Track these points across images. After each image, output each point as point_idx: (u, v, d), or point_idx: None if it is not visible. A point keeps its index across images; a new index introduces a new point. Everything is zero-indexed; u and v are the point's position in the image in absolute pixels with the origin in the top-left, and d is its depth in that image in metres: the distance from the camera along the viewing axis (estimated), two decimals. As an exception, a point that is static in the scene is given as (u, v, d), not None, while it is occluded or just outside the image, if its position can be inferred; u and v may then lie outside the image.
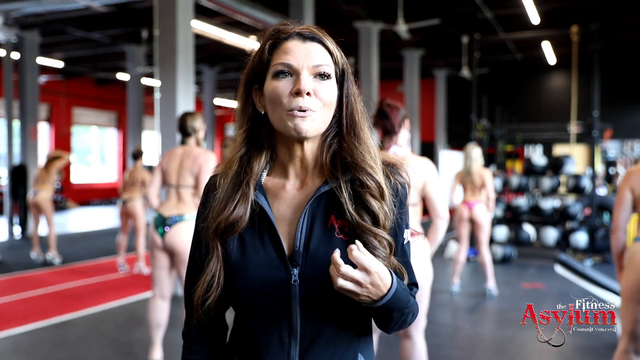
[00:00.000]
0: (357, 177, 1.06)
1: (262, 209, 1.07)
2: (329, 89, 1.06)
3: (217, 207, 1.08)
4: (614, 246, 2.96)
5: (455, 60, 14.15)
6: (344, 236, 1.05)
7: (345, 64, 1.10)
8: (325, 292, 1.02)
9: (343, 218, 1.06)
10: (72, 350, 4.31)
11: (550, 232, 8.06)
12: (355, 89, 1.12)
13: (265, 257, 1.05)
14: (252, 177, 1.09)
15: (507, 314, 5.34)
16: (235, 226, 1.06)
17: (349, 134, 1.09)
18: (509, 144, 12.26)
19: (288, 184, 1.11)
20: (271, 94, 1.05)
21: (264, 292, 1.04)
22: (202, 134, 3.83)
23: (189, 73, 6.36)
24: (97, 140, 20.14)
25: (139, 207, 6.90)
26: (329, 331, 1.06)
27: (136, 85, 13.60)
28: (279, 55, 1.06)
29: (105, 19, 10.66)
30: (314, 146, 1.10)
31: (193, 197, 3.69)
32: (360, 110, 1.11)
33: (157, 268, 3.71)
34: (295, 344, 1.05)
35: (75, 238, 10.62)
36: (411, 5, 9.62)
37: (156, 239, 3.64)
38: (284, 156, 1.11)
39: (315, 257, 1.04)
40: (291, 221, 1.08)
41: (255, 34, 11.06)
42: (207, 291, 1.06)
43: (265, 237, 1.06)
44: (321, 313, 1.04)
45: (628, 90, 14.90)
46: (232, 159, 1.11)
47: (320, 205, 1.07)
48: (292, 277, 1.03)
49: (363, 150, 1.07)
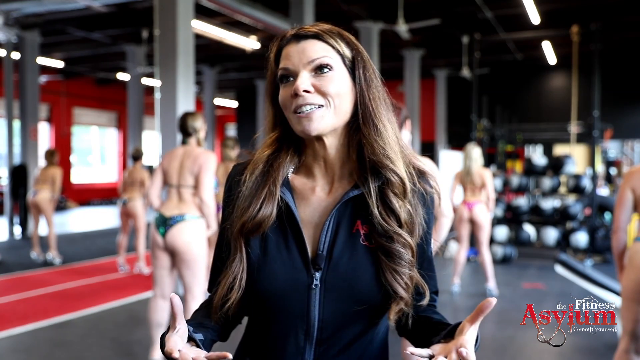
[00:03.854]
0: (381, 174, 1.03)
1: (289, 209, 1.05)
2: (333, 80, 1.02)
3: (242, 205, 1.06)
4: (614, 246, 2.95)
5: (455, 60, 14.14)
6: (369, 243, 1.03)
7: (355, 50, 1.06)
8: (345, 298, 1.01)
9: (369, 224, 1.03)
10: (72, 350, 4.31)
11: (551, 232, 8.06)
12: (372, 75, 1.07)
13: (288, 258, 1.03)
14: (278, 175, 1.07)
15: (507, 314, 5.34)
16: (262, 225, 1.04)
17: (367, 125, 1.04)
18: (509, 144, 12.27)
19: (317, 187, 1.09)
20: (281, 100, 1.05)
21: (284, 294, 1.02)
22: (203, 133, 3.82)
23: (189, 73, 6.36)
24: (97, 140, 20.14)
25: (139, 207, 6.91)
26: (345, 337, 1.04)
27: (136, 85, 13.59)
28: (281, 62, 1.06)
29: (106, 19, 10.66)
30: (337, 143, 1.06)
31: (193, 197, 3.69)
32: (378, 97, 1.06)
33: (158, 268, 3.72)
34: (311, 348, 1.03)
35: (75, 238, 10.62)
36: (411, 5, 9.62)
37: (157, 238, 3.64)
38: (310, 157, 1.09)
39: (338, 262, 1.02)
40: (317, 224, 1.06)
41: (255, 34, 11.06)
42: (228, 293, 1.04)
43: (290, 238, 1.04)
44: (340, 319, 1.02)
45: (628, 90, 14.89)
46: (259, 158, 1.09)
47: (347, 209, 1.05)
48: (314, 281, 1.02)
49: (383, 144, 1.03)
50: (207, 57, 14.54)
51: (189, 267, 3.63)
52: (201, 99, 17.00)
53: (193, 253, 3.61)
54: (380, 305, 1.02)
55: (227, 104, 21.33)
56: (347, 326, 1.03)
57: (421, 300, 1.07)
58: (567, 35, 10.61)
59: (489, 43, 12.43)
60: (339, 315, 1.02)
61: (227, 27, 10.39)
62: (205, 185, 3.65)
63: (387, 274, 1.01)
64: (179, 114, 4.72)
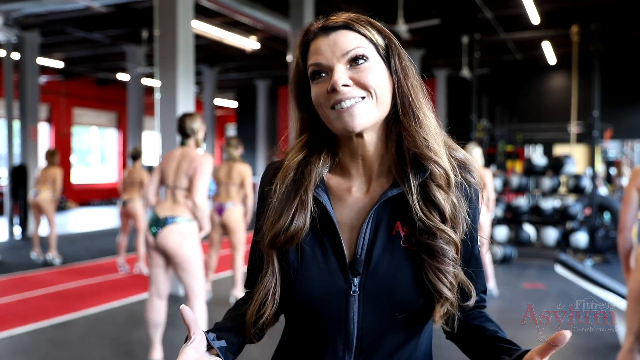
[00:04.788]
0: (422, 168, 0.97)
1: (325, 210, 0.99)
2: (371, 70, 0.96)
3: (272, 216, 1.00)
4: (621, 246, 2.93)
5: (455, 60, 14.13)
6: (410, 245, 0.97)
7: (388, 37, 1.01)
8: (385, 304, 0.96)
9: (409, 225, 0.97)
10: (72, 350, 4.31)
11: (551, 232, 8.06)
12: (407, 63, 1.01)
13: (325, 264, 0.98)
14: (310, 183, 1.01)
15: (507, 314, 5.34)
16: (295, 238, 0.98)
17: (407, 116, 0.98)
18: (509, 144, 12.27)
19: (354, 187, 1.03)
20: (315, 98, 0.99)
21: (321, 302, 0.97)
22: (202, 134, 3.82)
23: (189, 73, 6.36)
24: (97, 140, 20.14)
25: (139, 208, 6.91)
26: (386, 346, 0.98)
27: (136, 86, 13.59)
28: (310, 58, 0.99)
29: (106, 19, 10.65)
30: (377, 138, 1.01)
31: (186, 200, 3.68)
32: (415, 85, 1.00)
33: (153, 266, 3.74)
34: (350, 357, 0.98)
35: (75, 238, 10.61)
36: (411, 5, 9.62)
37: (150, 238, 3.66)
38: (346, 157, 1.03)
39: (377, 266, 0.96)
40: (354, 227, 1.00)
41: (255, 34, 11.06)
42: (261, 309, 1.00)
43: (326, 242, 0.99)
44: (380, 326, 0.97)
45: (628, 90, 14.89)
46: (289, 165, 1.03)
47: (386, 209, 0.99)
48: (352, 287, 0.96)
49: (425, 135, 0.97)
50: (207, 57, 14.53)
51: (184, 269, 3.64)
52: (201, 99, 16.99)
53: (184, 255, 3.61)
54: (423, 310, 0.97)
55: (227, 104, 21.32)
56: (388, 334, 0.98)
57: (467, 301, 1.02)
58: (567, 35, 10.60)
59: (489, 43, 12.43)
60: (380, 322, 0.97)
61: (227, 27, 10.39)
62: (199, 188, 3.64)
63: (430, 274, 0.95)
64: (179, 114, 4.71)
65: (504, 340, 1.00)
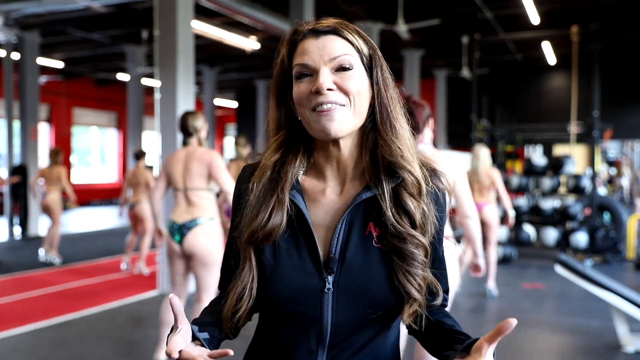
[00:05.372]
0: (395, 175, 1.01)
1: (300, 212, 1.03)
2: (354, 79, 1.00)
3: (249, 214, 1.04)
4: None
5: (455, 61, 14.13)
6: (382, 245, 1.01)
7: (372, 48, 1.04)
8: (358, 301, 1.00)
9: (381, 226, 1.01)
10: (72, 351, 4.31)
11: (551, 232, 8.06)
12: (388, 74, 1.05)
13: (300, 262, 1.01)
14: (286, 182, 1.04)
15: (507, 314, 5.34)
16: (272, 235, 1.02)
17: (384, 125, 1.02)
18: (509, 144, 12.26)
19: (327, 189, 1.06)
20: (296, 97, 1.02)
21: (296, 299, 1.01)
22: (204, 133, 3.75)
23: (189, 73, 6.36)
24: (97, 140, 20.14)
25: (146, 210, 6.93)
26: (358, 341, 1.03)
27: (136, 86, 13.59)
28: (297, 58, 1.03)
29: (106, 20, 10.65)
30: (352, 144, 1.04)
31: (201, 199, 3.63)
32: (394, 97, 1.05)
33: (176, 273, 3.73)
34: (323, 352, 1.02)
35: (75, 238, 10.62)
36: (411, 5, 9.62)
37: (174, 246, 3.61)
38: (321, 158, 1.07)
39: (351, 265, 1.00)
40: (328, 227, 1.04)
41: (255, 34, 11.06)
42: (238, 303, 1.03)
43: (301, 242, 1.03)
44: (353, 322, 1.01)
45: (628, 90, 14.89)
46: (266, 164, 1.06)
47: (360, 211, 1.03)
48: (326, 285, 1.00)
49: (401, 145, 1.02)
50: (207, 57, 14.53)
51: (208, 269, 3.63)
52: (201, 99, 16.99)
53: (212, 256, 3.61)
54: (394, 308, 1.01)
55: (227, 104, 21.32)
56: (360, 330, 1.02)
57: (434, 300, 1.06)
58: (567, 35, 10.61)
59: (489, 43, 12.43)
60: (353, 318, 1.01)
61: (227, 27, 10.38)
62: (225, 178, 3.62)
63: (400, 275, 0.99)
64: (179, 115, 4.70)
65: (459, 333, 1.03)
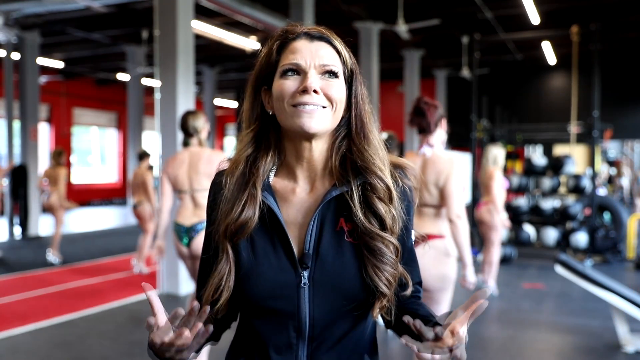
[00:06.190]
0: (367, 180, 1.06)
1: (272, 212, 1.07)
2: (337, 88, 1.06)
3: (225, 208, 1.08)
4: None
5: (455, 61, 14.14)
6: (353, 240, 1.06)
7: (354, 64, 1.11)
8: (333, 294, 1.04)
9: (352, 221, 1.06)
10: (72, 350, 4.31)
11: (551, 232, 8.06)
12: (364, 90, 1.12)
13: (276, 260, 1.05)
14: (258, 177, 1.08)
15: (507, 314, 5.34)
16: (246, 228, 1.06)
17: (358, 135, 1.09)
18: (509, 144, 12.26)
19: (298, 188, 1.11)
20: (278, 91, 1.05)
21: (274, 295, 1.04)
22: (205, 133, 3.66)
23: (189, 73, 6.36)
24: (97, 140, 20.14)
25: (147, 211, 6.98)
26: (336, 333, 1.06)
27: (136, 86, 13.60)
28: (287, 55, 1.07)
29: (106, 20, 10.66)
30: (323, 147, 1.09)
31: None
32: (369, 111, 1.12)
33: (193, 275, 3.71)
34: (304, 345, 1.06)
35: (75, 238, 10.62)
36: (411, 5, 9.62)
37: (182, 249, 3.57)
38: (292, 157, 1.11)
39: (325, 259, 1.04)
40: (301, 225, 1.08)
41: (255, 34, 11.06)
42: (216, 293, 1.05)
43: (276, 240, 1.06)
44: (330, 315, 1.05)
45: (628, 90, 14.90)
46: (238, 158, 1.10)
47: (330, 208, 1.08)
48: (302, 280, 1.04)
49: (372, 153, 1.08)
50: (207, 57, 14.54)
51: None
52: (201, 99, 17.00)
53: None
54: (367, 301, 1.05)
55: (227, 104, 21.32)
56: (337, 322, 1.06)
57: (404, 291, 1.10)
58: (567, 35, 10.60)
59: (489, 43, 12.43)
60: (329, 311, 1.05)
61: (227, 27, 10.38)
62: None
63: (370, 269, 1.03)
64: (179, 115, 4.69)
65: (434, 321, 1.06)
